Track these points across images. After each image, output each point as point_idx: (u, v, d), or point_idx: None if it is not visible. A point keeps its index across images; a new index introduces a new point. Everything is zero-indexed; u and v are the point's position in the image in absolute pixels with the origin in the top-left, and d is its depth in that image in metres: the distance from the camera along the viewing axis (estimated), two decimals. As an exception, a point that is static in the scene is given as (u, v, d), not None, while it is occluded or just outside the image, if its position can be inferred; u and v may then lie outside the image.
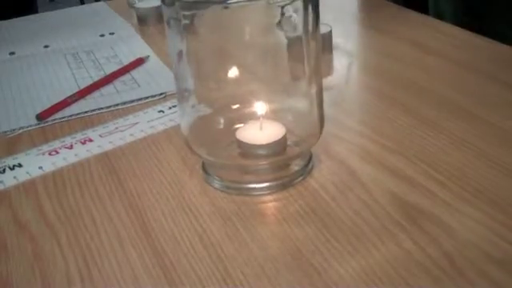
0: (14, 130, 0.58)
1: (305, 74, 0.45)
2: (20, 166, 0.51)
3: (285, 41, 0.45)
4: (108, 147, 0.53)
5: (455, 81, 0.59)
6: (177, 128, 0.50)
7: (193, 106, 0.47)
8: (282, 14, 0.42)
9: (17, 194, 0.48)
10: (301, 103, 0.47)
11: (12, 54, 0.78)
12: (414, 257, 0.37)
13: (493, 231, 0.38)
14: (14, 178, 0.50)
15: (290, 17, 0.44)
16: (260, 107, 0.47)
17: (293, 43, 0.45)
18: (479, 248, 0.37)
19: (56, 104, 0.61)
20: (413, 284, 0.35)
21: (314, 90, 0.45)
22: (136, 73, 0.69)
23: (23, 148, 0.54)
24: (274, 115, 0.47)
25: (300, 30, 0.44)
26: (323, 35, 0.64)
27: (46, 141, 0.55)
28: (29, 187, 0.49)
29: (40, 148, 0.54)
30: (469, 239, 0.38)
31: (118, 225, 0.43)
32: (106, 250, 0.40)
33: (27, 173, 0.50)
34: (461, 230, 0.39)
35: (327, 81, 0.58)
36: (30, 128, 0.58)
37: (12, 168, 0.51)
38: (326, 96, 0.47)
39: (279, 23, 0.43)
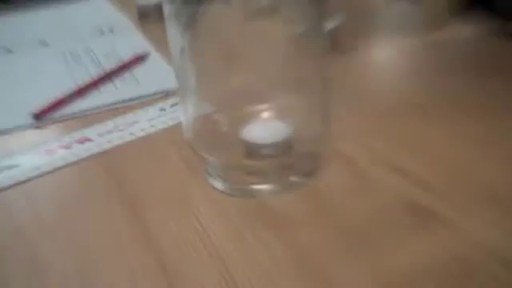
0: (10, 129, 0.57)
1: (311, 72, 0.45)
2: (17, 165, 0.51)
3: (291, 37, 0.44)
4: (107, 146, 0.52)
5: (466, 78, 0.58)
6: (178, 127, 0.49)
7: (195, 105, 0.46)
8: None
9: (13, 195, 0.47)
10: (307, 101, 0.46)
11: (9, 51, 0.78)
12: (423, 260, 0.36)
13: (505, 233, 0.38)
14: (11, 178, 0.49)
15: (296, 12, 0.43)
16: (265, 105, 0.46)
17: (298, 39, 0.44)
18: (491, 251, 0.36)
19: (54, 102, 0.60)
20: (425, 290, 0.34)
21: (320, 88, 0.44)
22: (136, 70, 0.68)
23: (20, 148, 0.54)
24: (280, 114, 0.46)
25: (306, 27, 0.43)
26: (330, 32, 0.63)
27: (44, 140, 0.54)
28: (26, 187, 0.48)
29: (37, 147, 0.53)
30: (480, 242, 0.37)
31: (118, 225, 0.42)
32: (104, 251, 0.40)
33: (24, 173, 0.49)
34: (473, 233, 0.38)
35: (334, 78, 0.58)
36: (26, 127, 0.57)
37: (9, 168, 0.50)
38: (333, 94, 0.45)
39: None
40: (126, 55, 0.71)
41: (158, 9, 0.80)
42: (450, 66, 0.62)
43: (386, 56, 0.68)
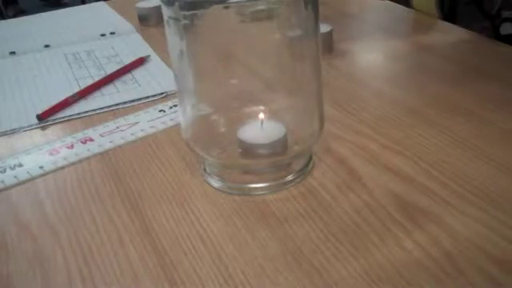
0: (14, 129, 0.58)
1: (305, 74, 0.45)
2: (21, 165, 0.51)
3: (285, 40, 0.45)
4: (109, 147, 0.53)
5: (456, 80, 0.59)
6: (177, 127, 0.50)
7: (193, 106, 0.46)
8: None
9: (17, 194, 0.48)
10: (301, 103, 0.47)
11: (12, 53, 0.78)
12: (414, 256, 0.37)
13: (493, 230, 0.38)
14: (15, 177, 0.50)
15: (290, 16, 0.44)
16: (260, 107, 0.47)
17: (293, 43, 0.45)
18: (480, 247, 0.37)
19: (57, 104, 0.61)
20: (413, 283, 0.35)
21: (314, 90, 0.45)
22: (137, 72, 0.69)
23: (24, 147, 0.54)
24: (275, 115, 0.47)
25: (300, 30, 0.44)
26: (323, 35, 0.64)
27: (47, 140, 0.55)
28: (29, 187, 0.49)
29: (41, 147, 0.54)
30: (469, 238, 0.38)
31: (119, 224, 0.43)
32: (106, 250, 0.40)
33: (28, 172, 0.50)
34: (461, 230, 0.39)
35: (327, 80, 0.58)
36: (30, 128, 0.58)
37: (13, 168, 0.51)
38: (325, 95, 0.47)
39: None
40: (127, 58, 0.72)
41: (158, 13, 0.82)
42: (439, 68, 0.62)
43: (378, 58, 0.68)
